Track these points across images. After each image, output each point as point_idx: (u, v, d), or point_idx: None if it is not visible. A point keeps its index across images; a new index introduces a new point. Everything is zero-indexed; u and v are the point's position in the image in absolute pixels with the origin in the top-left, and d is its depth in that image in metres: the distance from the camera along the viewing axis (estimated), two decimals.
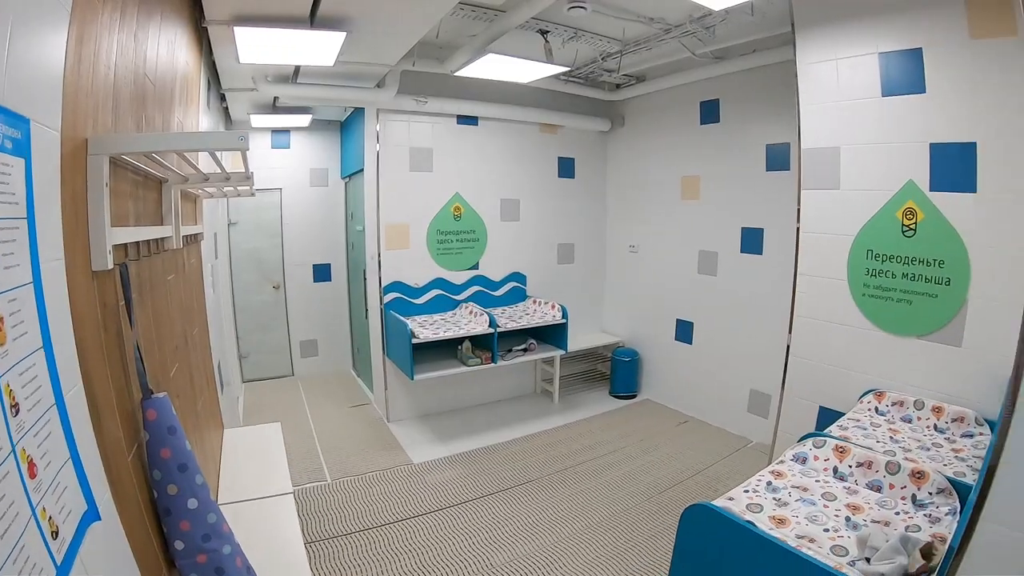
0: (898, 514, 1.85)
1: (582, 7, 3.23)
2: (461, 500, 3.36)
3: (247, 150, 1.30)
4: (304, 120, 5.06)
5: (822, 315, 2.98)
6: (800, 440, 2.34)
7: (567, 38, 3.75)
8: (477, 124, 4.78)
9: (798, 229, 3.06)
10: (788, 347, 3.15)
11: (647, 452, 4.05)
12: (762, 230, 4.13)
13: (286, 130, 5.57)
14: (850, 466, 2.10)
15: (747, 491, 2.01)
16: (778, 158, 3.95)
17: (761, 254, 4.14)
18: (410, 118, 4.46)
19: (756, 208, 4.16)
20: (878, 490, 1.99)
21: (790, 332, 3.13)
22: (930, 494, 1.88)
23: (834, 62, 2.83)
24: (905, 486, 1.94)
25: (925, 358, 2.60)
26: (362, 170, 4.53)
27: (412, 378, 3.99)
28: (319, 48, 2.83)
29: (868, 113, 2.72)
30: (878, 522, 1.79)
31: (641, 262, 5.27)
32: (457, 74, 3.86)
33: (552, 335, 4.68)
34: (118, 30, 1.30)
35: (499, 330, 4.21)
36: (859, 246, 2.80)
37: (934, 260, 2.54)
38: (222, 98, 4.28)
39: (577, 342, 5.09)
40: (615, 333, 5.59)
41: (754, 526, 1.70)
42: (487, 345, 4.27)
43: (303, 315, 5.91)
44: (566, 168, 5.35)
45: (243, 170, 1.90)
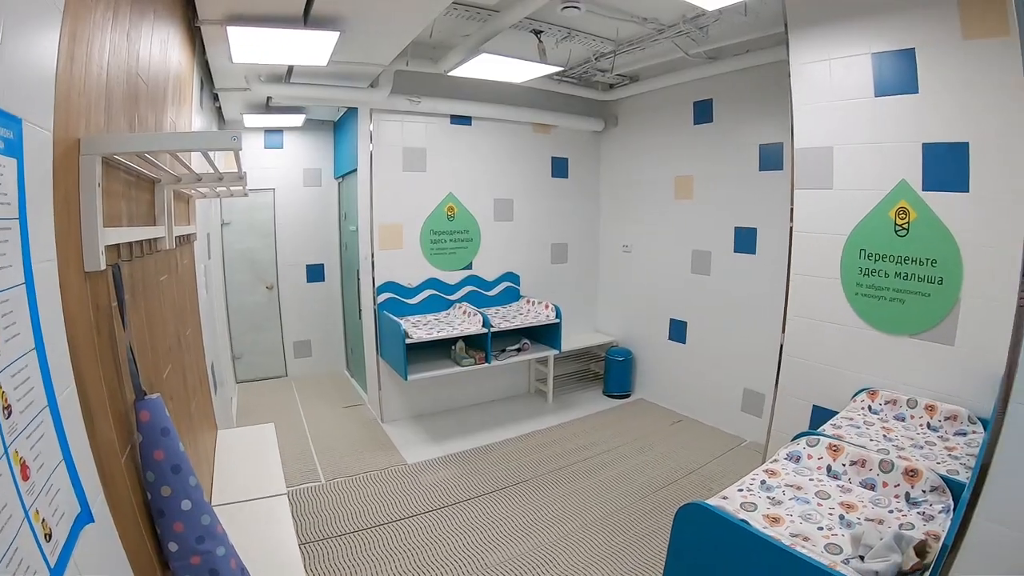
0: (892, 512, 1.86)
1: (576, 7, 3.23)
2: (455, 500, 3.36)
3: (240, 150, 1.29)
4: (297, 120, 5.04)
5: (815, 314, 3.00)
6: (794, 439, 2.36)
7: (560, 38, 3.75)
8: (471, 124, 4.77)
9: (791, 229, 3.08)
10: (781, 346, 3.17)
11: (641, 452, 4.06)
12: (755, 230, 4.15)
13: (279, 130, 5.54)
14: (844, 464, 2.11)
15: (741, 490, 2.02)
16: (771, 158, 3.97)
17: (754, 254, 4.16)
18: (403, 118, 4.45)
19: (749, 208, 4.17)
20: (872, 488, 2.01)
21: (783, 331, 3.15)
22: (924, 492, 1.89)
23: (827, 62, 2.85)
24: (899, 484, 1.95)
25: (918, 357, 2.62)
26: (355, 170, 4.52)
27: (406, 378, 3.98)
28: (312, 48, 2.82)
29: (861, 113, 2.74)
30: (872, 520, 1.80)
31: (634, 262, 5.28)
32: (451, 74, 3.86)
33: (546, 335, 4.68)
34: (111, 29, 1.29)
35: (493, 330, 4.21)
36: (852, 245, 2.82)
37: (927, 259, 2.56)
38: (215, 98, 4.25)
39: (571, 342, 5.11)
40: (609, 333, 5.60)
41: (748, 525, 1.71)
42: (481, 345, 4.27)
43: (296, 315, 5.88)
44: (559, 168, 5.35)
45: (236, 170, 1.90)
